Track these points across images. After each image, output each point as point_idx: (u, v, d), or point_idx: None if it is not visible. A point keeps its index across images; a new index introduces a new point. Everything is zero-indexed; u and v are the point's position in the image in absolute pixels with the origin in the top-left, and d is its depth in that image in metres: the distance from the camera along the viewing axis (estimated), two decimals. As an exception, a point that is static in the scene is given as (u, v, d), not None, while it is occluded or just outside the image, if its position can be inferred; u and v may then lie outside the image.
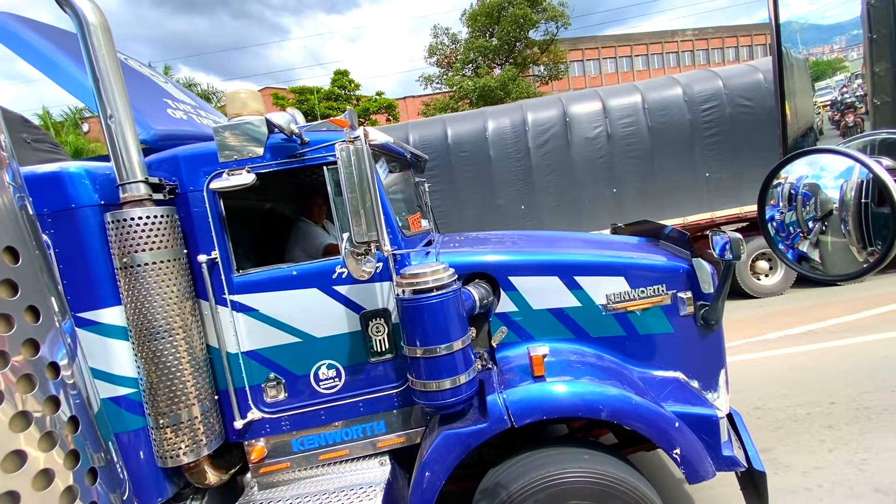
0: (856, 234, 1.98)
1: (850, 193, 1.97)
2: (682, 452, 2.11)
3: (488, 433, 2.11)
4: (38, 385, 0.59)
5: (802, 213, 2.16)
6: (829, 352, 4.97)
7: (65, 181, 2.06)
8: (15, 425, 0.56)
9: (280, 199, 3.63)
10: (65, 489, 0.60)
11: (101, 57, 1.98)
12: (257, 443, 2.37)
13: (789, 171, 2.20)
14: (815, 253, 2.13)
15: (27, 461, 0.56)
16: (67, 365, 0.65)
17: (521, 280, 2.49)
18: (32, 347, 0.60)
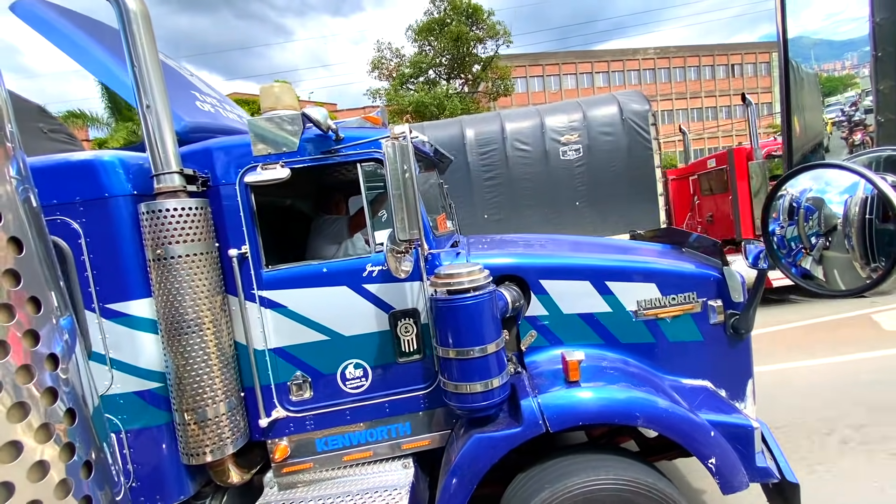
0: (859, 250, 1.97)
1: (855, 209, 1.96)
2: (717, 462, 2.08)
3: (522, 438, 2.07)
4: (37, 376, 0.59)
5: (804, 228, 2.15)
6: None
7: (98, 169, 2.04)
8: (12, 416, 0.56)
9: (298, 196, 3.62)
10: (59, 482, 0.60)
11: (140, 45, 1.97)
12: (281, 442, 2.34)
13: (794, 185, 2.20)
14: (818, 270, 2.13)
15: (23, 452, 0.56)
16: (65, 359, 0.65)
17: (551, 283, 2.46)
18: (32, 338, 0.60)
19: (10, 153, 0.60)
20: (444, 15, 26.79)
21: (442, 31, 26.57)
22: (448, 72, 28.29)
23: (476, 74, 28.87)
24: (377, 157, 2.32)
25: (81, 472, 0.63)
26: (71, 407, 0.63)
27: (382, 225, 2.56)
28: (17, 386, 0.57)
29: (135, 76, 1.99)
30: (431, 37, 27.01)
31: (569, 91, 42.88)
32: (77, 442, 0.63)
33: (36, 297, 0.61)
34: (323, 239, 2.92)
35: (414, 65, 27.33)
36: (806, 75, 4.48)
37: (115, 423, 2.09)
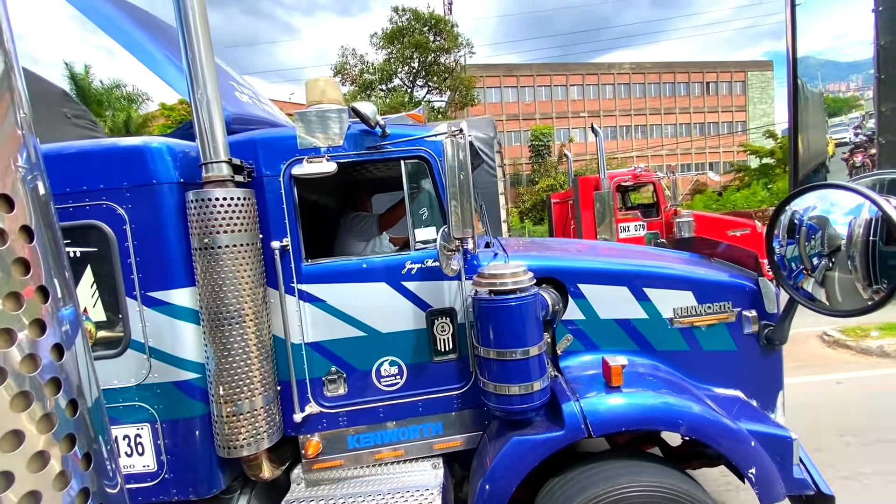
0: (862, 271, 1.97)
1: (859, 230, 1.96)
2: (758, 472, 2.08)
3: (564, 442, 2.07)
4: (41, 366, 0.59)
5: (806, 248, 2.16)
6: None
7: (147, 156, 2.05)
8: (15, 405, 0.56)
9: (326, 192, 3.63)
10: (58, 473, 0.60)
11: (196, 35, 1.98)
12: (313, 437, 2.34)
13: (798, 203, 2.21)
14: (819, 292, 2.13)
15: (24, 442, 0.56)
16: (68, 350, 0.65)
17: (590, 288, 2.45)
18: (39, 328, 0.60)
19: (20, 141, 0.60)
20: (407, 24, 27.29)
21: (403, 40, 27.07)
22: (412, 80, 28.81)
23: (439, 83, 29.37)
24: (422, 155, 2.32)
25: (81, 464, 0.63)
26: (73, 398, 0.63)
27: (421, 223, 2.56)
28: (22, 375, 0.57)
29: (189, 65, 1.99)
30: (394, 45, 27.49)
31: (542, 103, 42.80)
32: (78, 434, 0.63)
33: (44, 287, 0.61)
34: (353, 236, 2.93)
35: (378, 71, 27.73)
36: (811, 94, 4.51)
37: (150, 412, 2.10)
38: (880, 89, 3.80)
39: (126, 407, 2.09)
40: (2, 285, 0.56)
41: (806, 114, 3.55)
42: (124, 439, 2.09)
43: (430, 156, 2.33)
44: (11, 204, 0.57)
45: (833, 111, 42.96)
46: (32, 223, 0.60)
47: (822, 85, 79.32)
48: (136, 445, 2.10)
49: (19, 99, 0.61)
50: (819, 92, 5.72)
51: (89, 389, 0.66)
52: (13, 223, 0.58)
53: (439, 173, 2.32)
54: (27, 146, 0.61)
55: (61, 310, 0.63)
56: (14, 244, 0.57)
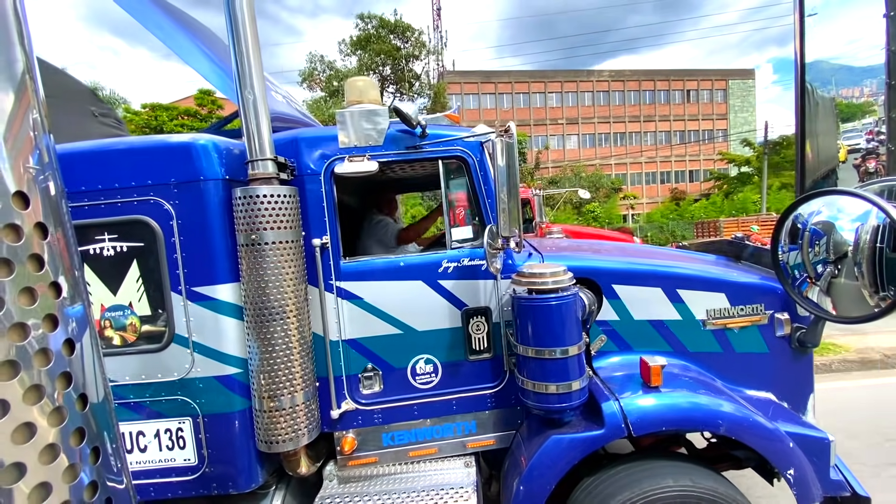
0: (869, 278, 1.95)
1: (866, 237, 1.94)
2: (796, 473, 2.09)
3: (603, 441, 2.07)
4: (54, 360, 0.60)
5: (809, 255, 2.14)
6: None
7: (194, 152, 2.08)
8: (28, 398, 0.57)
9: (351, 192, 3.66)
10: (68, 466, 0.61)
11: (245, 31, 2.00)
12: (348, 434, 2.35)
13: (805, 209, 2.20)
14: (825, 301, 2.11)
15: (36, 434, 0.57)
16: (79, 345, 0.66)
17: (624, 289, 2.46)
18: (51, 323, 0.61)
19: (32, 143, 0.62)
20: (374, 31, 27.45)
21: (368, 47, 27.29)
22: (382, 86, 29.26)
23: (407, 90, 29.65)
24: (460, 155, 2.34)
25: (90, 458, 0.64)
26: (83, 393, 0.64)
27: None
28: (35, 369, 0.58)
29: (238, 61, 2.01)
30: (360, 51, 27.71)
31: (520, 110, 42.57)
32: (87, 428, 0.64)
33: (57, 283, 0.62)
34: (373, 241, 2.97)
35: (346, 78, 28.26)
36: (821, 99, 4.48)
37: (192, 406, 2.13)
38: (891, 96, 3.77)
39: (168, 401, 2.12)
40: (17, 280, 0.57)
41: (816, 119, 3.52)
42: (166, 433, 2.13)
43: (467, 156, 2.34)
44: (27, 201, 0.59)
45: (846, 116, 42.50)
46: (45, 221, 0.61)
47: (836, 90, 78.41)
48: (177, 439, 2.13)
49: (34, 101, 0.62)
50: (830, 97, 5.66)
51: (98, 385, 0.68)
52: (29, 220, 0.59)
53: (477, 173, 2.35)
54: (39, 147, 0.62)
55: (72, 306, 0.65)
56: (29, 241, 0.59)
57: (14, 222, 0.57)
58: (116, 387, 2.11)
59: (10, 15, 0.59)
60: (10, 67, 0.58)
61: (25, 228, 0.58)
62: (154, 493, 2.13)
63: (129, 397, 2.12)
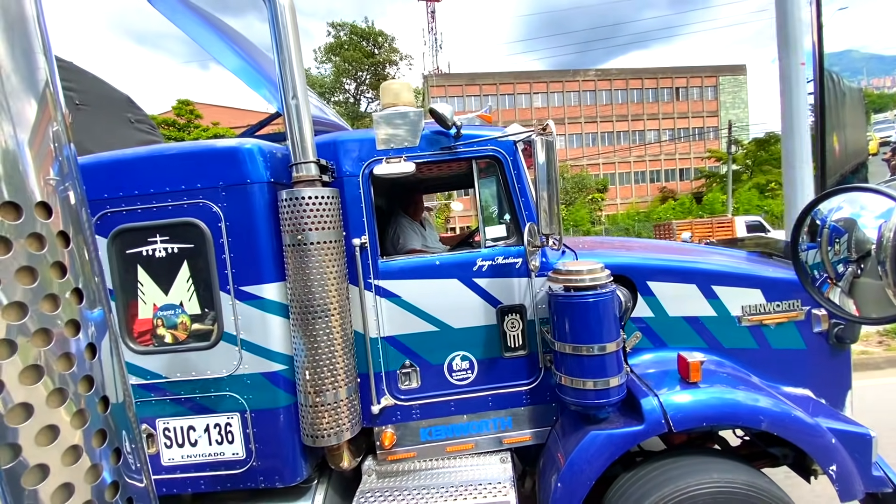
0: (893, 277, 1.88)
1: (889, 234, 1.87)
2: (839, 469, 2.08)
3: (644, 436, 2.08)
4: (76, 364, 0.62)
5: (829, 254, 2.07)
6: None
7: (241, 156, 2.15)
8: (52, 401, 0.59)
9: (378, 194, 3.74)
10: (90, 467, 0.63)
11: (287, 39, 2.07)
12: (387, 429, 2.40)
13: (826, 206, 2.12)
14: (847, 303, 2.03)
15: (59, 436, 0.59)
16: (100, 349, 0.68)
17: (659, 286, 2.45)
18: (74, 328, 0.63)
19: (53, 154, 0.63)
20: (347, 38, 27.77)
21: (341, 54, 27.51)
22: (357, 93, 29.08)
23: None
24: (494, 155, 2.38)
25: (112, 458, 0.66)
26: (105, 395, 0.66)
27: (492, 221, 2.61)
28: (58, 373, 0.60)
29: (282, 68, 2.08)
30: (335, 57, 27.90)
31: (506, 111, 41.23)
32: (108, 429, 0.66)
33: (79, 289, 0.64)
34: (391, 248, 3.02)
35: (320, 85, 28.32)
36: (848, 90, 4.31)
37: (240, 402, 2.20)
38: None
39: (217, 396, 2.20)
40: (41, 287, 0.59)
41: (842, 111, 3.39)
42: (215, 427, 2.20)
43: (501, 156, 2.37)
44: (50, 211, 0.61)
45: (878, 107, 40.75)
46: (66, 229, 0.63)
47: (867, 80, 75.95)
48: (226, 434, 2.20)
49: (55, 111, 0.64)
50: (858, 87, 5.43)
51: (118, 386, 0.69)
52: (52, 229, 0.61)
53: (511, 172, 2.37)
54: (60, 158, 0.64)
55: (92, 311, 0.66)
56: (52, 249, 0.61)
57: (38, 231, 0.59)
58: (168, 383, 2.20)
59: (31, 22, 0.60)
60: (32, 75, 0.60)
61: (48, 237, 0.60)
62: (204, 486, 2.21)
63: (180, 393, 2.20)
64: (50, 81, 0.62)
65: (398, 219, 3.15)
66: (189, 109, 25.49)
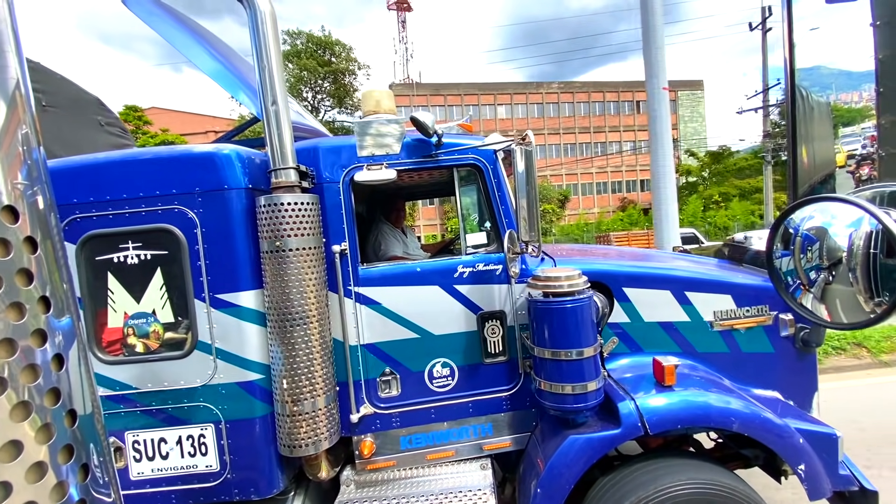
0: (863, 284, 1.96)
1: (859, 243, 1.95)
2: (807, 468, 2.13)
3: (621, 440, 2.10)
4: (42, 376, 0.59)
5: (801, 262, 2.15)
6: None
7: (218, 162, 2.12)
8: (15, 415, 0.56)
9: (359, 201, 3.72)
10: (56, 484, 0.60)
11: (268, 46, 2.05)
12: (366, 438, 2.37)
13: (798, 215, 2.20)
14: (819, 308, 2.12)
15: (23, 452, 0.56)
16: (68, 360, 0.65)
17: (635, 292, 2.50)
18: (40, 338, 0.60)
19: (21, 157, 0.61)
20: (303, 47, 28.22)
21: (297, 62, 27.96)
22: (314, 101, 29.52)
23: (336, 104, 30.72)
24: (474, 163, 2.39)
25: (79, 475, 0.63)
26: (73, 408, 0.63)
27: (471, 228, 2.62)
28: (22, 385, 0.57)
29: (262, 74, 2.06)
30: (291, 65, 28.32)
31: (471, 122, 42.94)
32: (76, 444, 0.63)
33: (46, 297, 0.61)
34: (372, 254, 3.02)
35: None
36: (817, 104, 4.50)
37: (215, 413, 2.14)
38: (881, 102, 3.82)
39: (190, 407, 2.15)
40: (6, 295, 0.56)
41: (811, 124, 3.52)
42: (188, 439, 2.15)
43: (482, 164, 2.39)
44: (17, 215, 0.58)
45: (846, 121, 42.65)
46: (34, 235, 0.61)
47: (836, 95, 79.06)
48: (199, 446, 2.15)
49: (25, 112, 0.62)
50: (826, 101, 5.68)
51: (86, 398, 0.67)
52: (18, 234, 0.58)
53: (491, 180, 2.39)
54: (28, 162, 0.62)
55: (60, 320, 0.64)
56: (18, 255, 0.58)
57: (3, 237, 0.56)
58: (139, 394, 2.13)
59: (1, 21, 0.58)
60: (1, 75, 0.58)
61: (14, 243, 0.57)
62: (175, 500, 2.15)
63: (152, 404, 2.14)
64: (20, 82, 0.60)
65: (379, 225, 3.15)
66: (137, 115, 25.03)
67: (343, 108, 30.92)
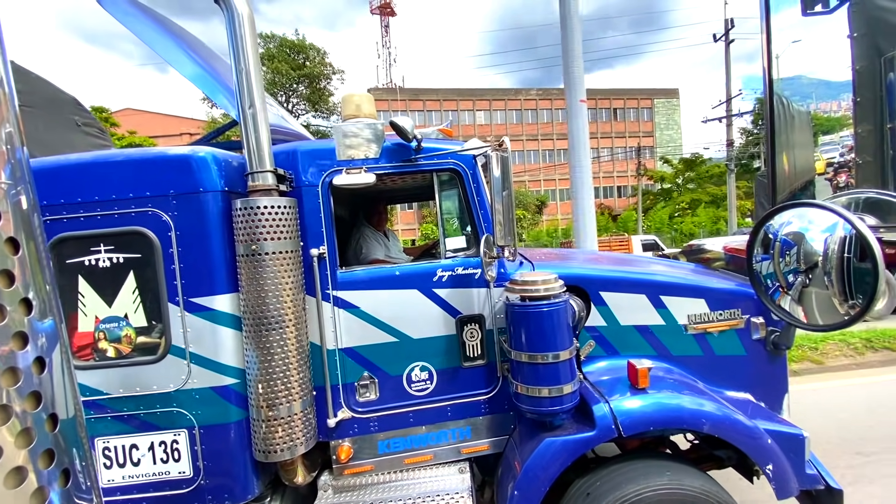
0: (838, 287, 2.03)
1: (834, 247, 2.02)
2: (774, 468, 2.17)
3: (596, 442, 2.12)
4: (23, 379, 0.58)
5: (780, 265, 2.22)
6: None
7: (194, 164, 2.08)
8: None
9: (341, 204, 3.68)
10: (36, 489, 0.59)
11: (246, 48, 2.03)
12: (344, 443, 2.35)
13: (777, 220, 2.27)
14: (796, 310, 2.18)
15: (3, 456, 0.55)
16: (49, 363, 0.64)
17: (611, 296, 2.53)
18: (21, 341, 0.59)
19: (4, 157, 0.60)
20: (276, 51, 28.45)
21: (270, 65, 28.13)
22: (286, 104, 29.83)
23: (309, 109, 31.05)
24: (454, 168, 2.40)
25: (59, 480, 0.62)
26: (54, 412, 0.62)
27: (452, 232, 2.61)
28: (3, 389, 0.56)
29: (239, 77, 2.04)
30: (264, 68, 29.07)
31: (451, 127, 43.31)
32: (57, 449, 0.62)
33: (28, 299, 0.61)
34: (353, 257, 3.01)
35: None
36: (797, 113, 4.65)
37: (188, 418, 2.10)
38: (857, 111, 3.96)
39: (163, 413, 2.10)
40: (-14, 297, 0.55)
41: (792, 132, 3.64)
42: (160, 445, 2.10)
43: (461, 169, 2.40)
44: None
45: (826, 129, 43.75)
46: (16, 236, 0.60)
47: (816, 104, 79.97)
48: (172, 451, 2.10)
49: (8, 112, 0.61)
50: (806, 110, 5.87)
51: (69, 401, 0.66)
52: (0, 234, 0.57)
53: (470, 185, 2.40)
54: (12, 161, 0.61)
55: (42, 322, 0.63)
56: (0, 255, 0.57)
57: (-16, 238, 0.55)
58: (110, 399, 2.09)
59: None
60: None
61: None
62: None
63: (123, 410, 2.09)
64: (4, 81, 0.59)
65: (361, 228, 3.14)
66: (104, 117, 24.72)
67: (318, 112, 30.91)
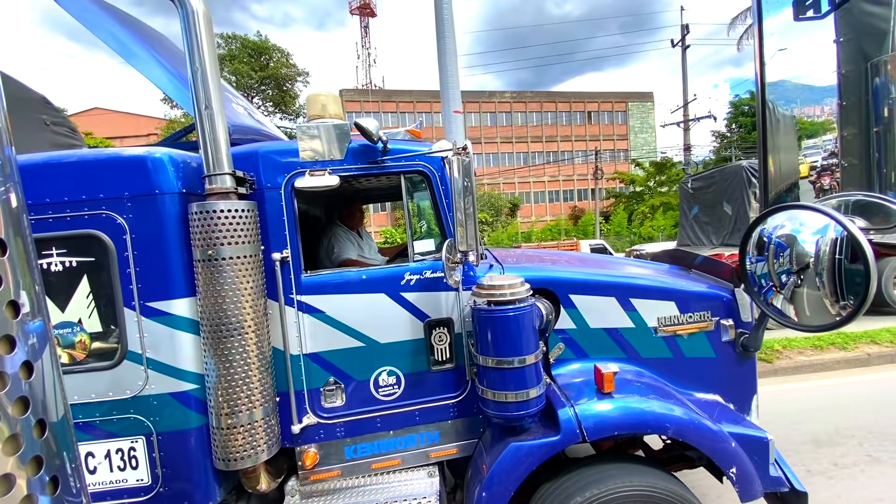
0: (830, 288, 2.06)
1: (826, 249, 2.05)
2: (738, 471, 2.19)
3: (560, 446, 2.13)
4: (10, 384, 0.57)
5: (774, 266, 2.25)
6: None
7: (150, 166, 2.03)
8: (-20, 426, 0.53)
9: (314, 204, 3.63)
10: (24, 496, 0.57)
11: (201, 47, 1.98)
12: (310, 449, 2.32)
13: (770, 222, 2.30)
14: (789, 309, 2.21)
15: (-11, 464, 0.53)
16: (37, 367, 0.62)
17: (580, 298, 2.53)
18: (8, 344, 0.57)
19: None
20: (237, 51, 28.61)
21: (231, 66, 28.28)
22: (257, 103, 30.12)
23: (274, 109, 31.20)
24: (421, 170, 2.37)
25: (48, 487, 0.60)
26: (42, 418, 0.61)
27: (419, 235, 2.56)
28: (-11, 394, 0.54)
29: (195, 77, 1.99)
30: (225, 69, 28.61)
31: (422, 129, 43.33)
32: (45, 455, 0.60)
33: (15, 301, 0.59)
34: (325, 257, 2.98)
35: None
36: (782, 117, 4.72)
37: (146, 425, 2.06)
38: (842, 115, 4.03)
39: (120, 420, 2.05)
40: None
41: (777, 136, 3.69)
42: (117, 453, 2.05)
43: (429, 171, 2.38)
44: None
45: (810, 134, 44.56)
46: (4, 235, 0.58)
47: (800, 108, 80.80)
48: (129, 459, 2.05)
49: None
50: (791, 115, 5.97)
51: (57, 407, 0.64)
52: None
53: (438, 187, 2.38)
54: (0, 159, 0.59)
55: (30, 324, 0.61)
56: (-15, 257, 0.56)
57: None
58: None
59: None
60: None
61: (-19, 245, 0.55)
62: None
63: (78, 417, 2.03)
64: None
65: (334, 228, 3.10)
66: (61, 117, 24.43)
67: (285, 113, 30.72)
